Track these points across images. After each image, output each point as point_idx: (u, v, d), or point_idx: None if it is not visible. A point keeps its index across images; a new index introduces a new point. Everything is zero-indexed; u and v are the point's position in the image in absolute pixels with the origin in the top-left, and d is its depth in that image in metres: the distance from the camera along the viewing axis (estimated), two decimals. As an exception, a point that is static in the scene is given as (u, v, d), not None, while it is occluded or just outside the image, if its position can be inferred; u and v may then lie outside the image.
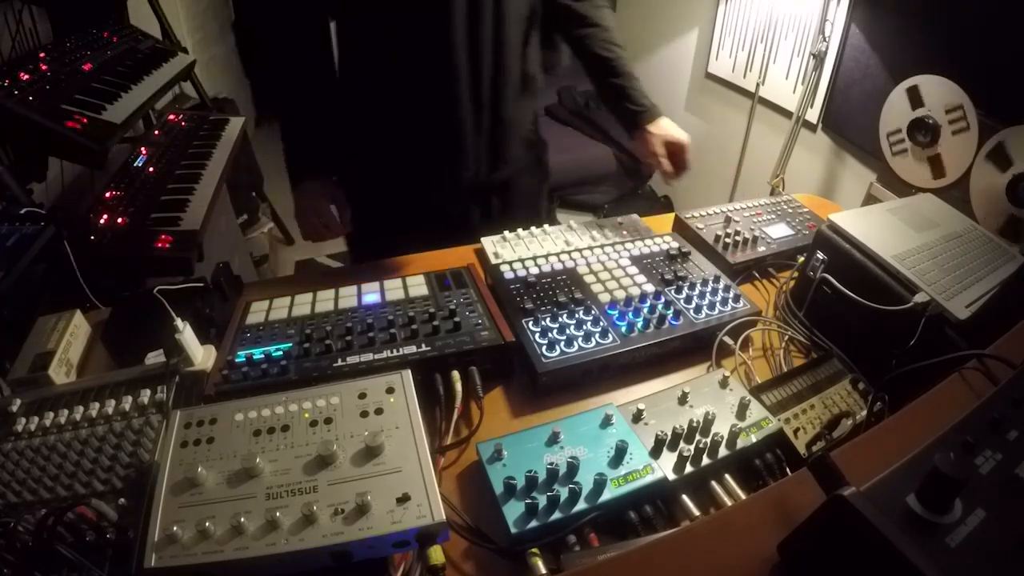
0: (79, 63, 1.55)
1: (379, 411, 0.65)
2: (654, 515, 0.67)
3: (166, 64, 1.88)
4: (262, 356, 0.83)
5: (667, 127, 1.21)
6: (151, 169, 1.69)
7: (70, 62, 1.53)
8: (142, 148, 1.79)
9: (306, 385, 0.71)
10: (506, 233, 1.17)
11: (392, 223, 1.24)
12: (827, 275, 0.94)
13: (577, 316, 0.93)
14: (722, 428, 0.73)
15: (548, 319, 0.92)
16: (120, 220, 1.45)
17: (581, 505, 0.65)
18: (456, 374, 0.82)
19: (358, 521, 0.54)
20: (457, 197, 1.22)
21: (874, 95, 1.74)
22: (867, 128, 1.76)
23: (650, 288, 1.01)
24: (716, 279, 1.03)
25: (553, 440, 0.72)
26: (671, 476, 0.69)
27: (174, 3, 2.52)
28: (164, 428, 0.67)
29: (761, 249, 1.19)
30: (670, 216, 1.33)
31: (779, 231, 1.25)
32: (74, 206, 1.72)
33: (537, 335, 0.89)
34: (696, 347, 0.95)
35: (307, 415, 0.65)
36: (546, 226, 1.20)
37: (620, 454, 0.70)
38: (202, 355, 0.85)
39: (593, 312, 0.94)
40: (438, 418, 0.78)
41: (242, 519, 0.53)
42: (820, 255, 0.97)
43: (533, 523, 0.63)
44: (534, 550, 0.62)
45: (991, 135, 1.34)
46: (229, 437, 0.63)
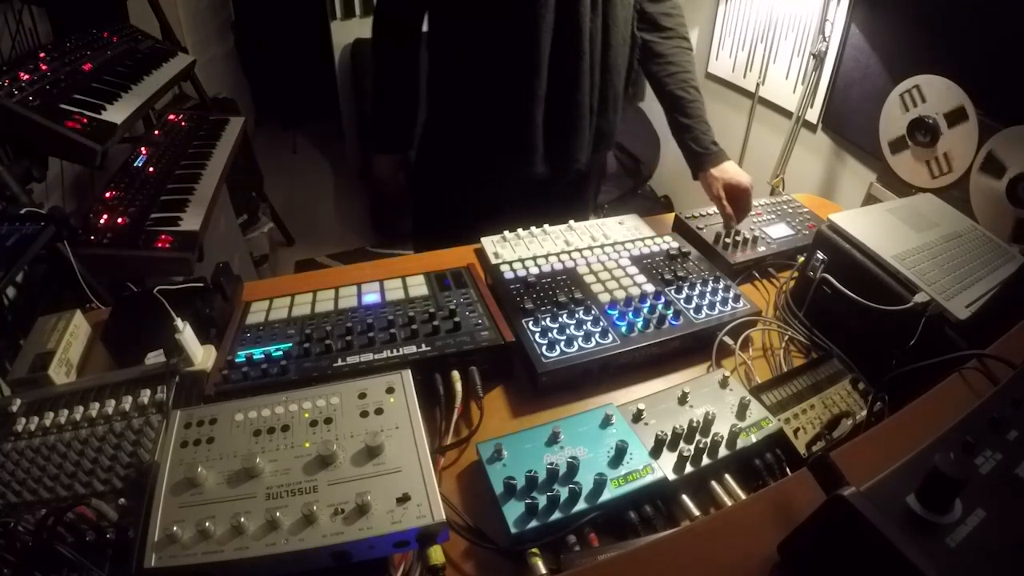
0: (79, 63, 1.55)
1: (379, 411, 0.65)
2: (654, 515, 0.67)
3: (166, 64, 1.88)
4: (262, 356, 0.83)
5: (730, 170, 1.22)
6: (151, 169, 1.70)
7: (70, 62, 1.53)
8: (142, 148, 1.80)
9: (306, 385, 0.71)
10: (506, 233, 1.17)
11: (459, 204, 1.37)
12: (827, 275, 0.94)
13: (577, 316, 0.93)
14: (722, 428, 0.73)
15: (548, 319, 0.92)
16: (120, 220, 1.45)
17: (581, 505, 0.65)
18: (456, 374, 0.82)
19: (358, 521, 0.54)
20: (534, 190, 1.33)
21: (874, 95, 1.74)
22: (867, 128, 1.76)
23: (650, 288, 1.01)
24: (716, 279, 1.03)
25: (553, 440, 0.72)
26: (671, 476, 0.69)
27: (174, 3, 2.51)
28: (164, 428, 0.67)
29: (761, 249, 1.19)
30: (670, 216, 1.33)
31: (779, 231, 1.25)
32: (74, 206, 1.72)
33: (537, 335, 0.89)
34: (696, 347, 0.95)
35: (307, 415, 0.65)
36: (546, 226, 1.20)
37: (620, 454, 0.70)
38: (202, 355, 0.85)
39: (593, 312, 0.94)
40: (438, 418, 0.78)
41: (242, 519, 0.53)
42: (820, 255, 0.97)
43: (533, 523, 0.63)
44: (534, 550, 0.62)
45: (991, 135, 1.34)
46: (229, 437, 0.63)
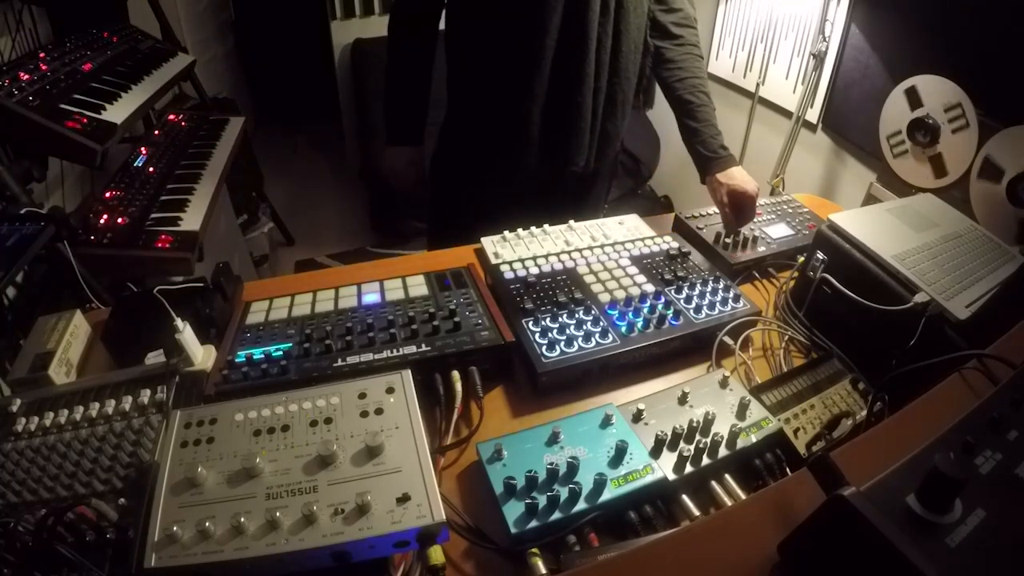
0: (79, 63, 1.55)
1: (379, 411, 0.65)
2: (654, 515, 0.67)
3: (166, 64, 1.88)
4: (262, 356, 0.83)
5: (737, 176, 1.21)
6: (151, 169, 1.70)
7: (70, 62, 1.53)
8: (142, 148, 1.80)
9: (306, 385, 0.72)
10: (506, 233, 1.17)
11: (467, 201, 1.40)
12: (827, 275, 0.94)
13: (577, 316, 0.93)
14: (722, 428, 0.73)
15: (548, 319, 0.92)
16: (120, 220, 1.45)
17: (581, 505, 0.65)
18: (456, 374, 0.82)
19: (358, 521, 0.54)
20: (543, 189, 1.36)
21: (874, 95, 1.74)
22: (867, 128, 1.76)
23: (650, 288, 1.01)
24: (716, 279, 1.03)
25: (553, 440, 0.72)
26: (671, 476, 0.69)
27: (174, 3, 2.51)
28: (164, 428, 0.67)
29: (761, 249, 1.19)
30: (670, 216, 1.33)
31: (779, 231, 1.25)
32: (74, 206, 1.72)
33: (537, 335, 0.89)
34: (696, 347, 0.95)
35: (307, 415, 0.65)
36: (546, 226, 1.20)
37: (620, 454, 0.70)
38: (202, 355, 0.85)
39: (593, 312, 0.94)
40: (438, 418, 0.78)
41: (242, 519, 0.53)
42: (820, 255, 0.97)
43: (533, 523, 0.63)
44: (534, 550, 0.62)
45: (991, 135, 1.35)
46: (229, 437, 0.63)
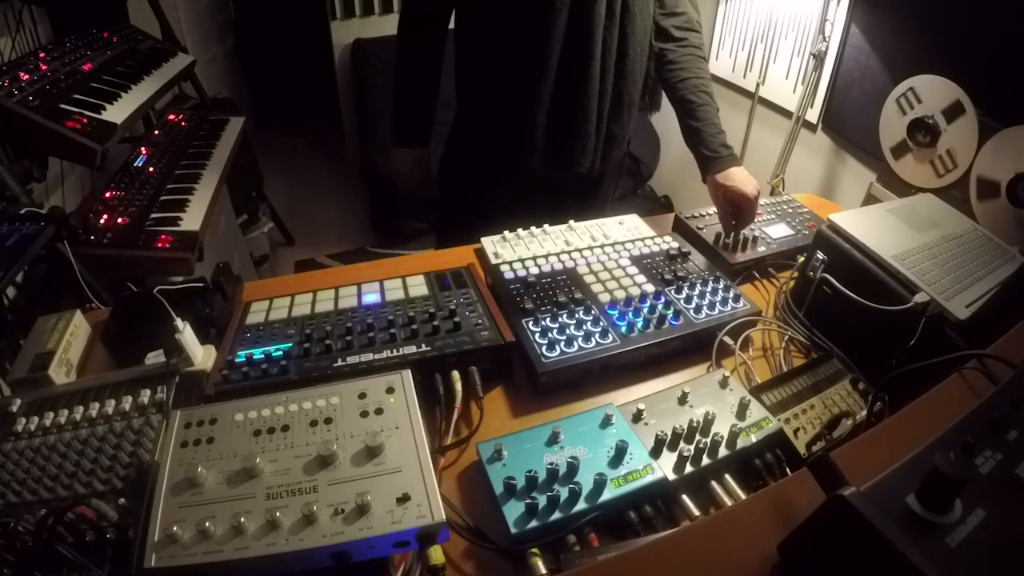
0: (79, 63, 1.55)
1: (379, 411, 0.65)
2: (654, 515, 0.67)
3: (166, 64, 1.88)
4: (262, 356, 0.83)
5: (736, 177, 1.17)
6: (151, 169, 1.70)
7: (70, 62, 1.53)
8: (142, 148, 1.80)
9: (306, 385, 0.72)
10: (506, 233, 1.17)
11: (480, 200, 1.41)
12: (827, 275, 0.94)
13: (577, 316, 0.93)
14: (722, 428, 0.73)
15: (548, 319, 0.92)
16: (120, 220, 1.45)
17: (581, 505, 0.65)
18: (456, 374, 0.82)
19: (358, 521, 0.54)
20: (550, 189, 1.37)
21: (874, 95, 1.74)
22: (867, 128, 1.76)
23: (650, 288, 1.01)
24: (716, 279, 1.03)
25: (553, 440, 0.72)
26: (671, 476, 0.69)
27: (174, 3, 2.51)
28: (164, 428, 0.67)
29: (761, 249, 1.19)
30: (670, 216, 1.33)
31: (779, 231, 1.25)
32: (74, 206, 1.72)
33: (537, 335, 0.89)
34: (696, 347, 0.95)
35: (307, 415, 0.65)
36: (546, 226, 1.20)
37: (620, 454, 0.70)
38: (202, 355, 0.85)
39: (593, 312, 0.94)
40: (438, 418, 0.78)
41: (242, 519, 0.53)
42: (820, 255, 0.97)
43: (533, 523, 0.63)
44: (534, 550, 0.62)
45: (991, 135, 1.35)
46: (229, 437, 0.63)
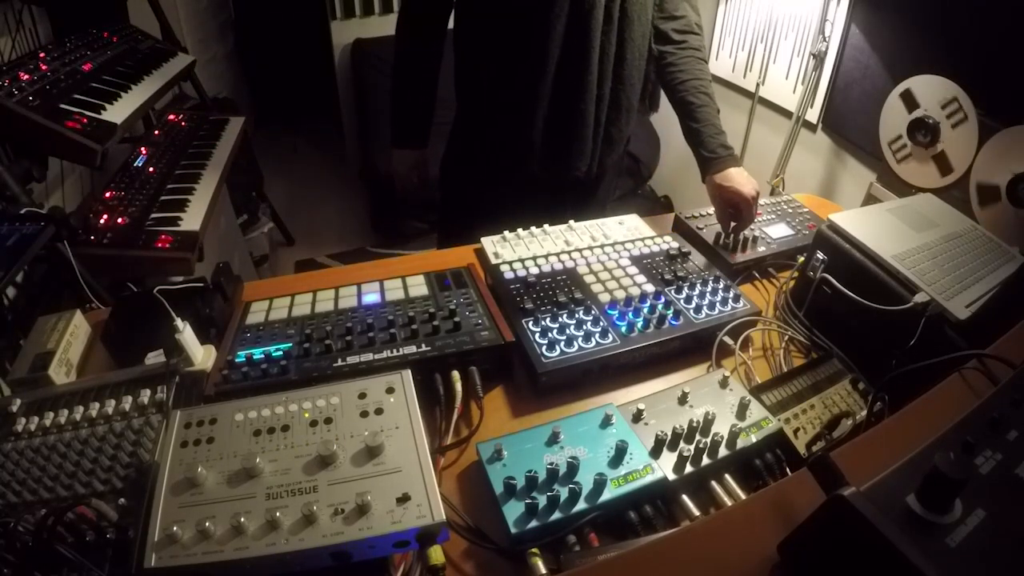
0: (79, 63, 1.55)
1: (379, 411, 0.65)
2: (654, 515, 0.67)
3: (166, 64, 1.88)
4: (262, 356, 0.83)
5: (735, 178, 1.16)
6: (151, 169, 1.70)
7: (70, 62, 1.53)
8: (142, 148, 1.80)
9: (306, 385, 0.71)
10: (506, 233, 1.17)
11: (480, 200, 1.42)
12: (827, 275, 0.94)
13: (577, 316, 0.93)
14: (722, 428, 0.73)
15: (548, 319, 0.92)
16: (120, 220, 1.45)
17: (581, 505, 0.65)
18: (456, 374, 0.82)
19: (358, 521, 0.54)
20: (548, 189, 1.37)
21: (874, 95, 1.74)
22: (867, 128, 1.76)
23: (650, 288, 1.01)
24: (716, 279, 1.03)
25: (553, 440, 0.72)
26: (671, 476, 0.69)
27: (174, 3, 2.51)
28: (164, 428, 0.67)
29: (761, 249, 1.19)
30: (670, 216, 1.33)
31: (779, 231, 1.25)
32: (74, 206, 1.72)
33: (537, 335, 0.89)
34: (696, 347, 0.95)
35: (307, 415, 0.65)
36: (546, 226, 1.20)
37: (620, 454, 0.70)
38: (202, 355, 0.85)
39: (593, 312, 0.94)
40: (438, 418, 0.78)
41: (242, 519, 0.53)
42: (820, 255, 0.97)
43: (533, 523, 0.63)
44: (534, 550, 0.62)
45: (991, 135, 1.35)
46: (229, 437, 0.63)
